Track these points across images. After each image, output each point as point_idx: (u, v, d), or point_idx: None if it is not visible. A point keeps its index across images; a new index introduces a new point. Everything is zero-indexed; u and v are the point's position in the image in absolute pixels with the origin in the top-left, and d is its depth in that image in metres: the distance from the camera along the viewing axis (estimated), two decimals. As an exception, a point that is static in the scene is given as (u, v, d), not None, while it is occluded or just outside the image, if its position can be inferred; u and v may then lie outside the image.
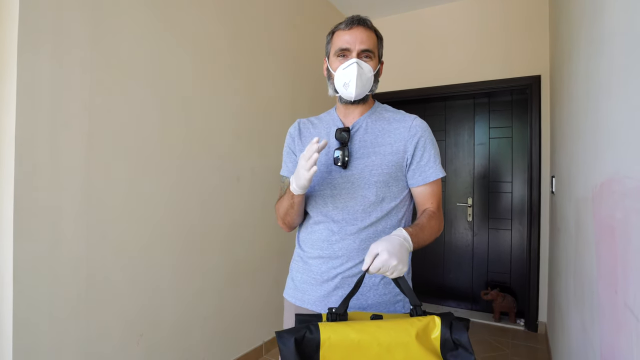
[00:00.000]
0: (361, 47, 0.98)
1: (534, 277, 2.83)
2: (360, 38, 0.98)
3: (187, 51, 1.87)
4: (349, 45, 0.99)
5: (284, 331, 0.73)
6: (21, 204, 1.25)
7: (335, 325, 0.74)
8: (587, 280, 1.17)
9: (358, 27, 1.00)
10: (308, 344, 0.72)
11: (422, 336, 0.74)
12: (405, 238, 0.85)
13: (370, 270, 0.80)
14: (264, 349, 2.40)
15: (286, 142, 1.15)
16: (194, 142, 1.92)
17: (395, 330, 0.74)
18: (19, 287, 1.25)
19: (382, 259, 0.78)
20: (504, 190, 3.16)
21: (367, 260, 0.80)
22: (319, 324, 0.73)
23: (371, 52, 1.00)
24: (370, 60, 1.00)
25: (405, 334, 0.73)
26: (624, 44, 0.80)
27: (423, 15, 3.29)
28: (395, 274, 0.80)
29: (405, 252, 0.82)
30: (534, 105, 2.84)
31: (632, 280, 0.71)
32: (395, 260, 0.78)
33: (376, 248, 0.80)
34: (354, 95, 0.99)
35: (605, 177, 0.96)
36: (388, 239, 0.82)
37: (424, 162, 1.01)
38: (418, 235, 0.90)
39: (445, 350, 0.75)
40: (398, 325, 0.75)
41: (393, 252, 0.79)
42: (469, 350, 0.75)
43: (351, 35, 0.99)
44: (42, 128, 1.30)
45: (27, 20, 1.26)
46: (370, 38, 1.00)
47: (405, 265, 0.81)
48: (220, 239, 2.09)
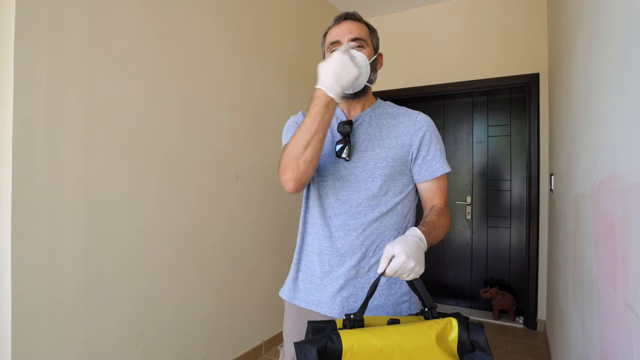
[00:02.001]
0: (350, 36, 0.98)
1: (533, 275, 2.83)
2: (348, 29, 0.99)
3: (184, 49, 1.86)
4: (338, 37, 0.99)
5: (304, 342, 0.70)
6: (19, 203, 1.24)
7: (357, 332, 0.71)
8: (586, 278, 1.17)
9: (346, 20, 1.01)
10: (330, 354, 0.68)
11: (440, 339, 0.73)
12: (421, 238, 0.83)
13: (387, 273, 0.77)
14: (263, 348, 2.40)
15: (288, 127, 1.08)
16: (192, 140, 1.92)
17: (415, 335, 0.72)
18: (17, 288, 1.24)
19: (400, 261, 0.75)
20: (502, 188, 3.17)
21: (383, 263, 0.77)
22: (339, 332, 0.70)
23: (362, 41, 0.99)
24: (362, 49, 0.99)
25: (425, 338, 0.72)
26: (623, 39, 0.80)
27: (421, 14, 3.29)
28: (411, 276, 0.77)
29: (421, 252, 0.80)
30: (533, 103, 2.84)
31: (631, 277, 0.71)
32: (413, 262, 0.76)
33: (392, 249, 0.78)
34: None
35: (604, 175, 0.96)
36: (404, 240, 0.79)
37: (430, 157, 0.99)
38: (431, 234, 0.88)
39: (462, 352, 0.74)
40: (418, 329, 0.73)
41: (410, 253, 0.76)
42: (487, 351, 0.73)
43: (340, 29, 1.00)
44: (39, 125, 1.30)
45: (24, 16, 1.25)
46: (360, 28, 1.00)
47: (422, 267, 0.78)
48: (219, 238, 2.08)
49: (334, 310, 0.96)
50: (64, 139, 1.37)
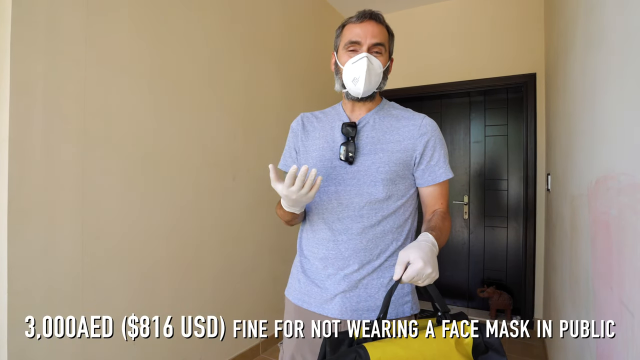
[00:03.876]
0: (372, 41, 0.95)
1: (530, 274, 2.84)
2: (371, 32, 0.95)
3: (181, 50, 1.86)
4: (359, 39, 0.95)
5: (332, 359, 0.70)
6: (15, 203, 1.24)
7: (380, 344, 0.71)
8: (582, 277, 1.17)
9: (370, 21, 0.96)
10: None
11: (458, 343, 0.73)
12: (434, 243, 0.82)
13: (404, 279, 0.76)
14: (260, 348, 2.40)
15: (288, 137, 1.12)
16: (189, 141, 1.91)
17: (436, 342, 0.72)
18: (13, 287, 1.23)
19: (417, 267, 0.75)
20: (500, 188, 3.18)
21: (399, 270, 0.76)
22: (365, 346, 0.70)
23: (382, 47, 0.97)
24: (380, 55, 0.97)
25: (445, 344, 0.72)
26: (619, 40, 0.81)
27: (418, 13, 3.29)
28: (426, 282, 0.77)
29: (435, 258, 0.79)
30: (530, 103, 2.85)
31: (627, 276, 0.72)
32: (430, 268, 0.76)
33: (407, 256, 0.77)
34: (362, 92, 0.95)
35: (600, 174, 0.96)
36: (418, 246, 0.79)
37: (434, 162, 0.99)
38: (440, 239, 0.87)
39: (476, 354, 0.74)
40: (438, 335, 0.74)
41: (427, 259, 0.76)
42: (500, 352, 0.74)
43: (362, 29, 0.95)
44: (36, 126, 1.29)
45: (21, 16, 1.24)
46: (382, 33, 0.97)
47: (437, 272, 0.78)
48: (216, 238, 2.08)
49: (334, 311, 0.96)
50: (61, 139, 1.37)
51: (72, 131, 1.40)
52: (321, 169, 1.00)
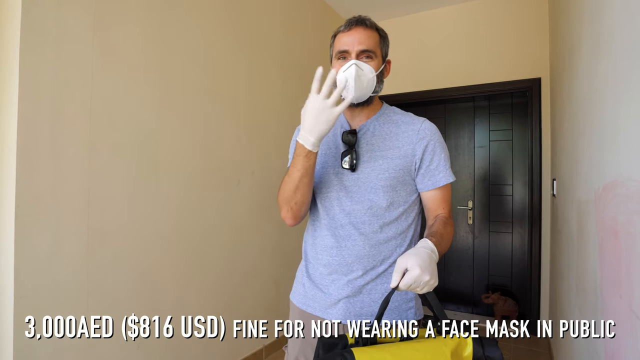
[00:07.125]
0: (359, 48, 0.95)
1: (535, 280, 2.82)
2: (358, 39, 0.96)
3: (187, 54, 1.87)
4: (347, 47, 0.96)
5: None
6: (22, 206, 1.24)
7: (371, 350, 0.70)
8: (590, 284, 1.16)
9: (357, 27, 0.97)
10: None
11: (455, 355, 0.72)
12: (433, 250, 0.81)
13: (401, 287, 0.75)
14: (264, 353, 2.38)
15: (293, 138, 1.11)
16: (195, 144, 1.92)
17: (430, 353, 0.71)
18: (20, 289, 1.24)
19: (414, 274, 0.74)
20: (504, 193, 3.16)
21: (396, 277, 0.75)
22: (353, 350, 0.68)
23: (371, 52, 0.97)
24: (371, 60, 0.97)
25: (440, 355, 0.70)
26: (626, 43, 0.80)
27: (423, 18, 3.30)
28: (425, 290, 0.76)
29: (434, 265, 0.78)
30: (535, 108, 2.84)
31: (637, 284, 0.71)
32: (427, 275, 0.74)
33: (404, 262, 0.76)
34: (352, 97, 0.95)
35: (608, 180, 0.95)
36: (416, 253, 0.78)
37: (434, 166, 0.98)
38: (440, 245, 0.86)
39: None
40: (432, 346, 0.72)
41: (425, 267, 0.74)
42: None
43: (350, 37, 0.96)
44: (43, 129, 1.30)
45: (29, 20, 1.26)
46: (371, 37, 0.97)
47: (437, 280, 0.77)
48: (220, 242, 2.08)
49: (338, 315, 0.97)
50: (68, 143, 1.38)
51: (79, 136, 1.41)
52: (324, 175, 1.01)
